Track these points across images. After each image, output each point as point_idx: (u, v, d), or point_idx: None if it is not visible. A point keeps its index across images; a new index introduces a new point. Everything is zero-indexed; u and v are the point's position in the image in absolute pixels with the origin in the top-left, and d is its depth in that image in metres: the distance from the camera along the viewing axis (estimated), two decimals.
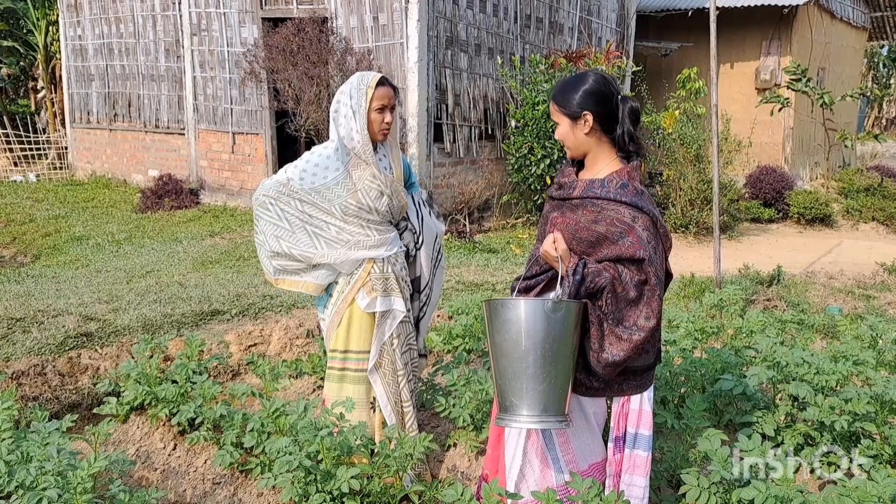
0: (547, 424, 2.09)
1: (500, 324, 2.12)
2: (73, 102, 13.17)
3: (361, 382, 2.87)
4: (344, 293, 2.83)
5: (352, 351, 2.86)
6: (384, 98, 2.75)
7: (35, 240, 9.40)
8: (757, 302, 6.07)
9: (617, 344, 2.13)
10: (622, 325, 2.14)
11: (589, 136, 2.25)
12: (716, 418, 3.40)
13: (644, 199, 2.20)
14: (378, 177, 2.77)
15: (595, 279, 2.13)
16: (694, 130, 10.17)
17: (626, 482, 2.32)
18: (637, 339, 2.12)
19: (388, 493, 2.54)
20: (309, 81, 8.56)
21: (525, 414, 2.09)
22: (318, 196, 2.77)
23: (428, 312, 3.10)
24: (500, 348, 2.13)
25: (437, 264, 3.09)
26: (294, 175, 2.79)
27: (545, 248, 2.19)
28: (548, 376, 2.07)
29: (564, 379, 2.11)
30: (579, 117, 2.23)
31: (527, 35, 10.46)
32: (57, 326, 4.68)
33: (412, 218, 2.97)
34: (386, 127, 2.79)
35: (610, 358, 2.13)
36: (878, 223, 11.42)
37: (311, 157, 2.82)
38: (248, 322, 5.07)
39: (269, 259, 2.85)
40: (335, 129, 2.78)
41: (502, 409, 2.15)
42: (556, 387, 2.09)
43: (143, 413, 3.53)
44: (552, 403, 2.09)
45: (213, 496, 2.96)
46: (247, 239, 8.69)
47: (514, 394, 2.11)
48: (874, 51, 23.27)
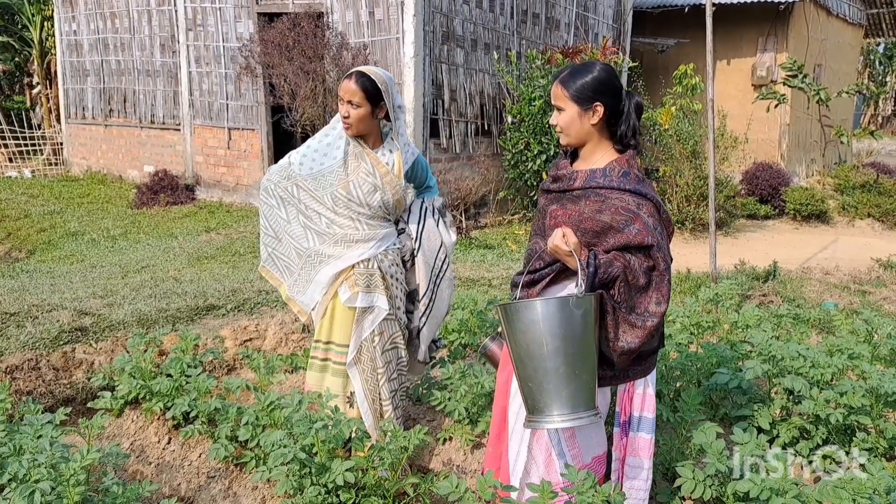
0: (581, 420, 2.05)
1: (524, 327, 2.05)
2: (68, 98, 13.12)
3: (338, 375, 2.87)
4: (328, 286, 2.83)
5: (333, 343, 2.86)
6: (344, 91, 2.74)
7: (30, 235, 9.37)
8: (753, 297, 6.07)
9: (631, 331, 2.13)
10: (635, 313, 2.13)
11: (594, 126, 2.24)
12: (711, 412, 3.40)
13: (646, 185, 2.20)
14: (373, 173, 2.76)
15: (608, 269, 2.11)
16: (690, 127, 10.18)
17: (631, 464, 2.35)
18: (651, 325, 2.12)
19: (383, 487, 2.53)
20: (305, 77, 8.54)
21: (557, 413, 2.04)
22: (313, 182, 2.78)
23: (429, 324, 3.02)
24: (527, 351, 2.06)
25: (441, 276, 3.00)
26: (295, 160, 2.83)
27: (555, 244, 2.12)
28: (577, 373, 2.03)
29: (592, 371, 2.08)
30: (590, 107, 2.21)
31: (523, 31, 10.44)
32: (51, 321, 4.66)
33: (411, 224, 2.94)
34: (345, 120, 2.75)
35: (626, 346, 2.13)
36: (873, 219, 11.45)
37: (313, 143, 2.84)
38: (243, 317, 5.05)
39: (265, 245, 2.91)
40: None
41: (532, 411, 2.10)
42: (587, 382, 2.05)
43: (137, 407, 3.52)
44: (583, 398, 2.05)
45: (207, 489, 2.95)
46: (242, 235, 8.67)
47: (544, 395, 2.05)
48: (870, 48, 23.32)
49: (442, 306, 3.05)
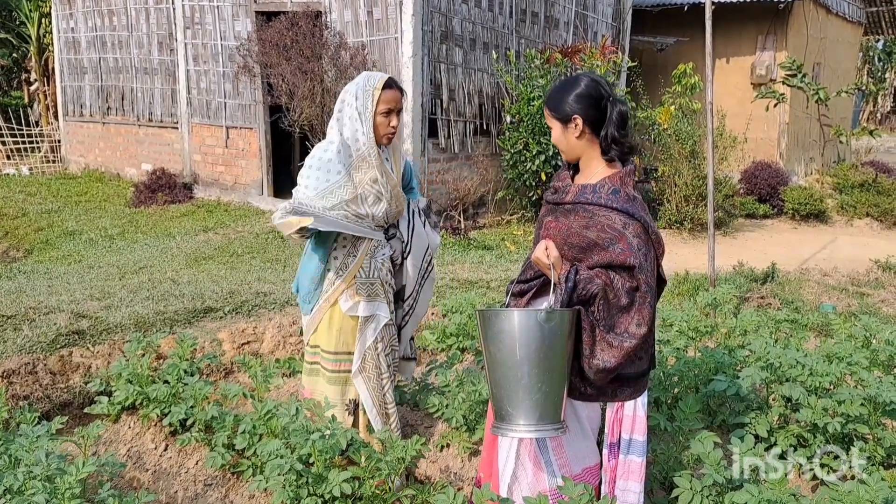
0: (543, 433, 2.08)
1: (494, 334, 2.09)
2: (65, 95, 13.08)
3: (337, 383, 2.88)
4: (328, 293, 2.81)
5: (329, 351, 2.86)
6: (391, 101, 2.69)
7: (27, 234, 9.34)
8: (751, 300, 6.07)
9: (608, 350, 2.12)
10: (613, 332, 2.12)
11: (580, 139, 2.23)
12: (709, 419, 3.40)
13: (636, 205, 2.18)
14: (380, 181, 2.72)
15: (587, 286, 2.11)
16: (689, 126, 10.16)
17: (621, 488, 2.32)
18: (628, 347, 2.11)
19: (380, 497, 2.53)
20: (303, 76, 8.51)
21: (522, 423, 2.07)
22: (321, 200, 2.68)
23: (411, 322, 3.08)
24: (495, 358, 2.11)
25: (426, 276, 3.06)
26: (302, 196, 2.69)
27: (537, 255, 2.17)
28: (543, 385, 2.05)
29: (559, 387, 2.09)
30: (569, 121, 2.22)
31: (522, 30, 10.41)
32: (48, 324, 4.64)
33: (402, 226, 2.94)
34: (392, 131, 2.73)
35: (601, 364, 2.12)
36: (872, 219, 11.44)
37: (312, 164, 2.71)
38: (241, 320, 5.04)
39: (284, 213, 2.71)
40: (338, 130, 2.70)
41: (498, 417, 2.13)
42: (552, 395, 2.07)
43: (134, 413, 3.51)
44: (548, 411, 2.07)
45: (204, 498, 2.94)
46: (240, 235, 8.65)
47: (509, 403, 2.09)
48: (869, 45, 23.29)
49: (424, 305, 3.12)
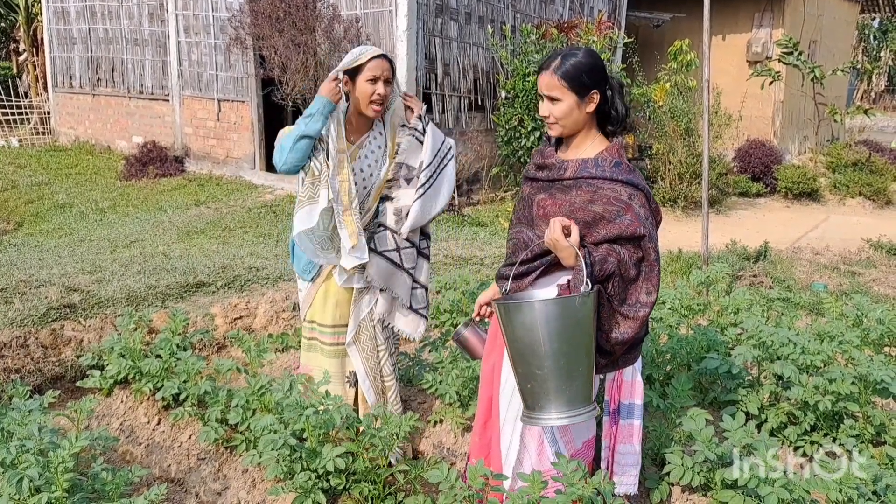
0: (580, 417, 2.03)
1: (521, 325, 2.00)
2: (55, 66, 12.90)
3: (335, 356, 2.86)
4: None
5: (326, 325, 2.84)
6: (377, 69, 2.58)
7: (18, 207, 9.27)
8: (743, 278, 6.09)
9: (625, 323, 2.13)
10: (626, 304, 2.13)
11: (589, 114, 2.20)
12: (700, 396, 3.42)
13: (637, 175, 2.18)
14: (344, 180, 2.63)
15: (603, 266, 2.08)
16: (684, 104, 10.11)
17: (621, 451, 2.37)
18: (642, 315, 2.13)
19: (374, 472, 2.54)
20: (295, 49, 8.40)
21: (555, 411, 2.03)
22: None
23: (421, 203, 2.76)
24: (525, 349, 2.02)
25: (445, 162, 2.79)
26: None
27: (555, 237, 2.07)
28: (578, 370, 2.01)
29: (590, 368, 2.06)
30: (587, 95, 2.17)
31: (518, 4, 10.30)
32: (40, 297, 4.62)
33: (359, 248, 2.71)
34: (378, 98, 2.60)
35: (620, 337, 2.13)
36: (864, 198, 11.47)
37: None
38: (233, 294, 5.02)
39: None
40: None
41: (531, 407, 2.08)
42: (585, 377, 2.04)
43: (126, 387, 3.50)
44: (581, 394, 2.04)
45: (197, 471, 2.95)
46: (232, 209, 8.60)
47: (544, 393, 2.03)
48: (865, 23, 23.19)
49: (440, 195, 2.78)
